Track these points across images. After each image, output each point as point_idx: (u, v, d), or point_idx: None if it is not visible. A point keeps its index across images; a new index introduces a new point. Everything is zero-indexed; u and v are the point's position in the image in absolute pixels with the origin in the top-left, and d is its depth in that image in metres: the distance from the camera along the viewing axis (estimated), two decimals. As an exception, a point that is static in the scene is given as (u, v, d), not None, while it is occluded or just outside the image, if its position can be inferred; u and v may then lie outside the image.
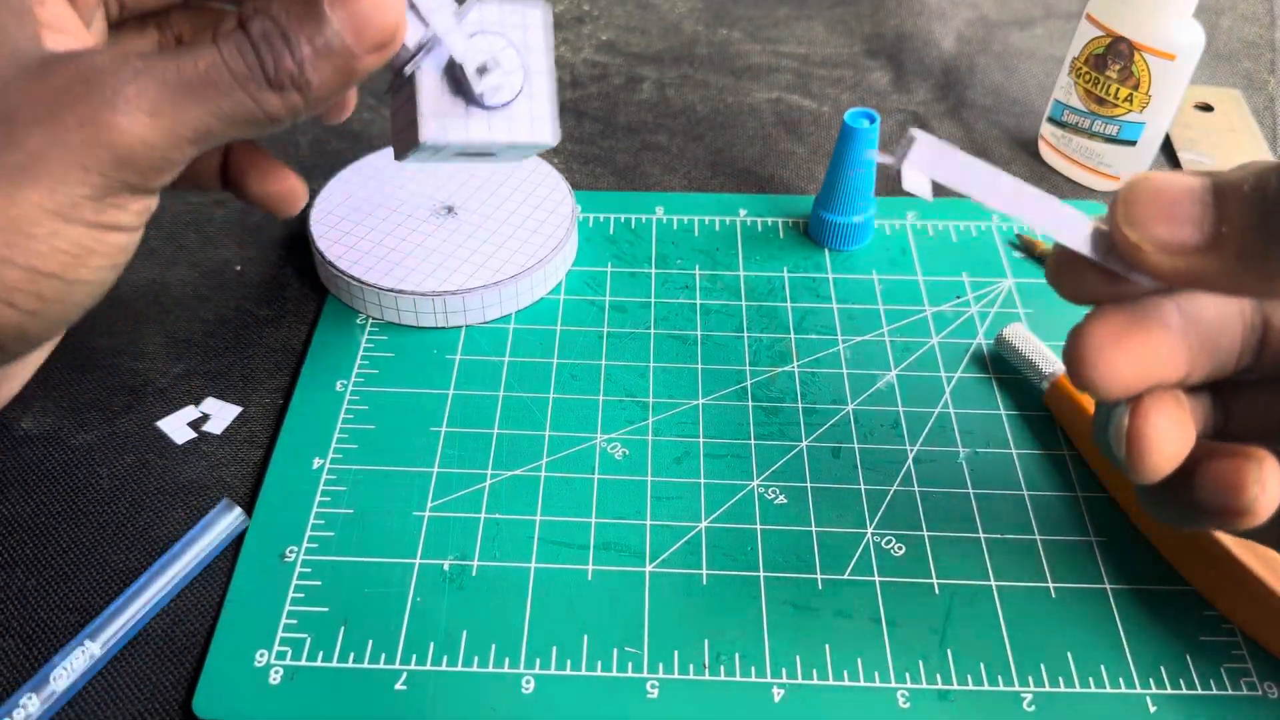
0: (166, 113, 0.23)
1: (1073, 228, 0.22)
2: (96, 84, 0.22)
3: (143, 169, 0.23)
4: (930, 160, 0.22)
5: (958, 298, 0.43)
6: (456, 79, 0.27)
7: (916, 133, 0.22)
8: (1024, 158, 0.52)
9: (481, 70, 0.26)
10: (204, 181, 0.31)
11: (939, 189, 0.23)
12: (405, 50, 0.26)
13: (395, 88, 0.28)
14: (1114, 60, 0.46)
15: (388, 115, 0.54)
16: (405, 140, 0.28)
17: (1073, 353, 0.23)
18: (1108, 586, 0.33)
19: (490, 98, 0.27)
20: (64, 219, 0.22)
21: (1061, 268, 0.24)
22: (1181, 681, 0.31)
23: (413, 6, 0.26)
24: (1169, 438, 0.22)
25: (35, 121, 0.22)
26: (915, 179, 0.22)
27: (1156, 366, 0.23)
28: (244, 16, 0.24)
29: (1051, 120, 0.50)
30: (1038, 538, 0.34)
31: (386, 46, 0.25)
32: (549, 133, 0.29)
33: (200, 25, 0.31)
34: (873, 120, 0.42)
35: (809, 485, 0.36)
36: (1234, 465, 0.22)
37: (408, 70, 0.27)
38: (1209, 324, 0.24)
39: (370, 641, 0.31)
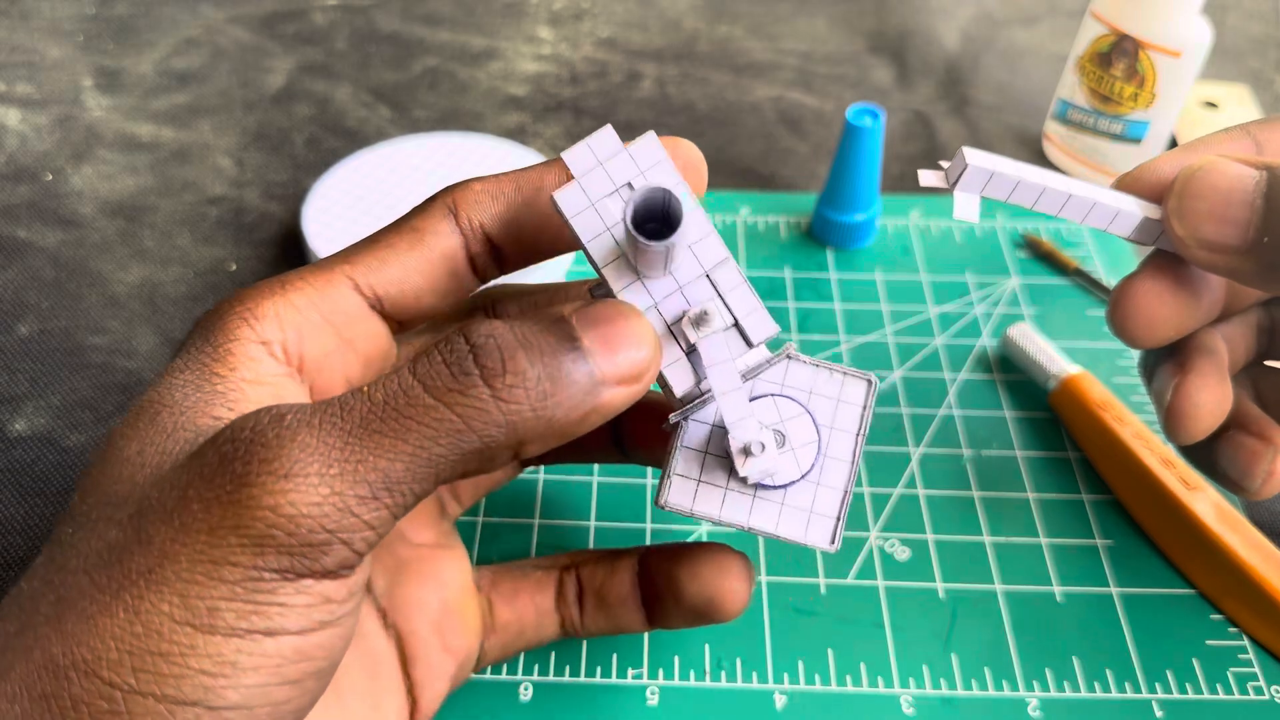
0: (315, 471, 0.17)
1: (1124, 220, 0.23)
2: (230, 454, 0.18)
3: (294, 550, 0.17)
4: (983, 181, 0.22)
5: (962, 297, 0.43)
6: (726, 454, 0.23)
7: (969, 153, 0.22)
8: (1028, 156, 0.52)
9: (746, 452, 0.22)
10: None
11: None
12: (679, 392, 0.22)
13: (669, 427, 0.23)
14: (1119, 58, 0.45)
15: (387, 110, 0.54)
16: (660, 490, 0.24)
17: (1116, 309, 0.25)
18: (1114, 590, 0.33)
19: (755, 479, 0.22)
20: (199, 629, 0.17)
21: (1131, 308, 0.25)
22: (1188, 686, 0.30)
23: (691, 349, 0.21)
24: (1206, 413, 0.26)
25: (165, 514, 0.18)
26: (967, 204, 0.22)
27: (1194, 320, 0.25)
28: (463, 325, 0.19)
29: (1056, 118, 0.50)
30: (1043, 541, 0.34)
31: (634, 383, 0.20)
32: (826, 538, 0.23)
33: None
34: (875, 117, 0.41)
35: (811, 488, 0.36)
36: (1250, 448, 0.25)
37: (673, 418, 0.22)
38: None
39: (366, 646, 0.31)
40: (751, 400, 0.23)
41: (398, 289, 0.22)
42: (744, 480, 0.23)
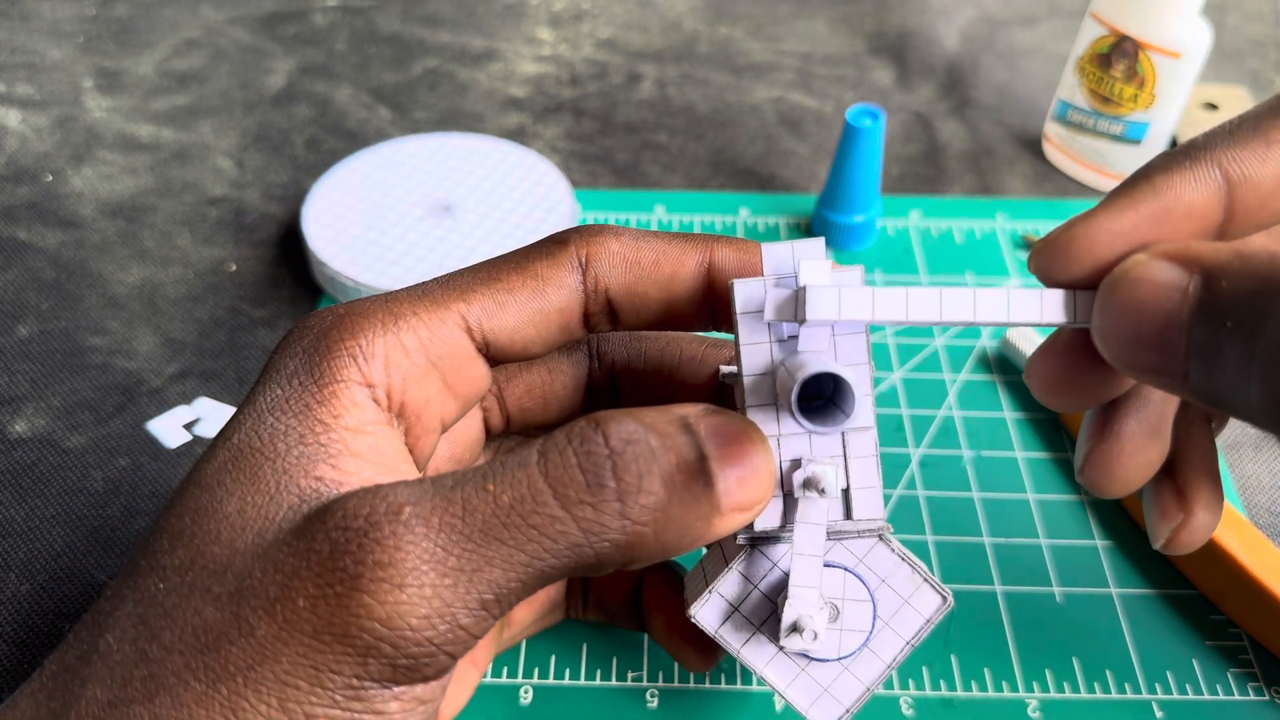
0: (429, 582, 0.17)
1: (1023, 307, 0.19)
2: (341, 545, 0.17)
3: (398, 662, 0.17)
4: (830, 307, 0.18)
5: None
6: (774, 596, 0.22)
7: (805, 272, 0.19)
8: (1028, 157, 0.52)
9: (795, 627, 0.21)
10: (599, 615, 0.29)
11: (926, 180, 0.22)
12: (760, 528, 0.21)
13: (724, 543, 0.23)
14: (1119, 59, 0.45)
15: (387, 111, 0.54)
16: (691, 593, 0.23)
17: (1031, 380, 0.22)
18: (1114, 591, 0.33)
19: (790, 646, 0.21)
20: None
21: (1049, 384, 0.21)
22: (1188, 687, 0.30)
23: (789, 494, 0.21)
24: (1120, 484, 0.22)
25: (268, 602, 0.17)
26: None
27: (1119, 386, 0.21)
28: (597, 416, 0.18)
29: (1056, 119, 0.50)
30: (1043, 542, 0.34)
31: (745, 515, 0.19)
32: None
33: None
34: (875, 118, 0.41)
35: (811, 488, 0.36)
36: (1163, 507, 0.23)
37: (741, 539, 0.22)
38: None
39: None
40: (824, 565, 0.22)
41: (508, 337, 0.21)
42: (778, 641, 0.22)
